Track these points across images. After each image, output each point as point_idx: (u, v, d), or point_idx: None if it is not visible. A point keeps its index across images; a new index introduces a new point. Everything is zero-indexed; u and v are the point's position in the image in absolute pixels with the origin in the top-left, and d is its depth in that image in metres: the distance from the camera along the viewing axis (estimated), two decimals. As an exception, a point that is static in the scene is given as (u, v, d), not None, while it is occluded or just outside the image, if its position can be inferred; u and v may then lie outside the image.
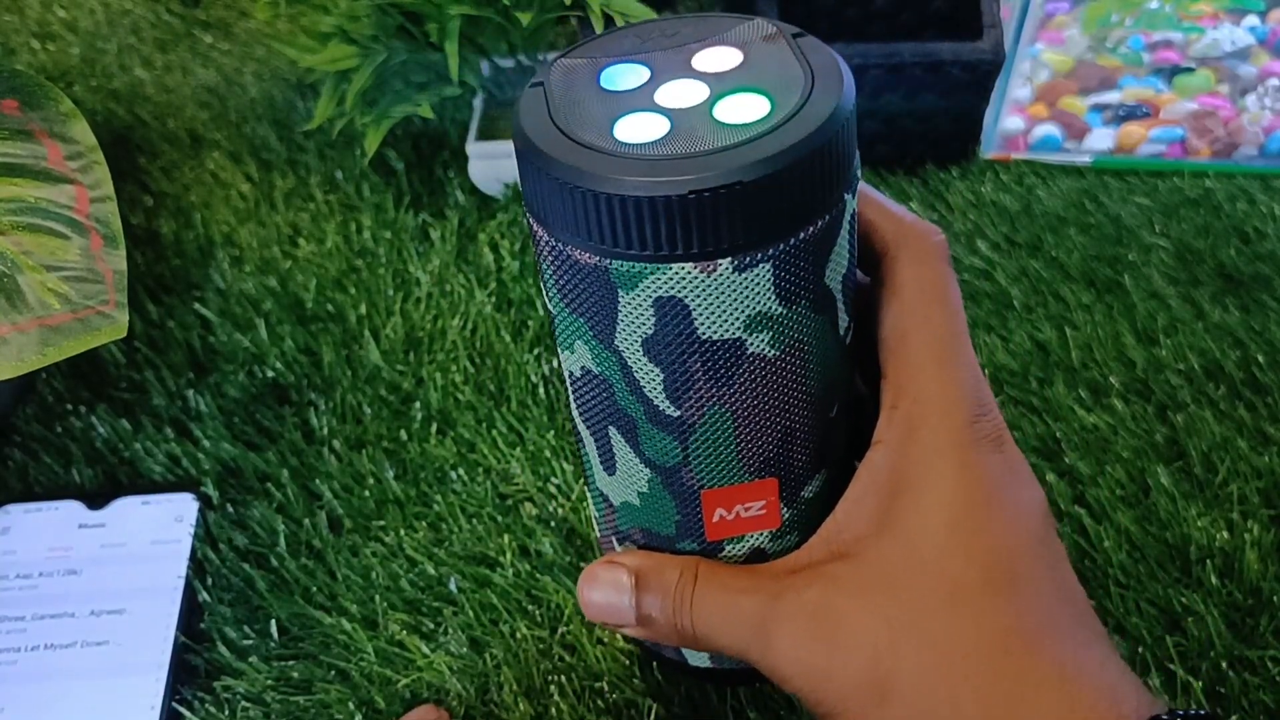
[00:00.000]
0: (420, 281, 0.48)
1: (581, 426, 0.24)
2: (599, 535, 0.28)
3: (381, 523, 0.39)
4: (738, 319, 0.20)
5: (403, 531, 0.38)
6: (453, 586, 0.37)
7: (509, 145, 0.49)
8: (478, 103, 0.52)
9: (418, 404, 0.43)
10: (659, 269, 0.19)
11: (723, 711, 0.33)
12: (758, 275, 0.20)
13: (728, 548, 0.24)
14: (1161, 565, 0.36)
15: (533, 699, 0.34)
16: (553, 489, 0.39)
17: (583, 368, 0.22)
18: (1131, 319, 0.45)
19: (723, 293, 0.20)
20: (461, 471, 0.40)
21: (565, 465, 0.40)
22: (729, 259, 0.19)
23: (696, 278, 0.19)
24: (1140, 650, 0.34)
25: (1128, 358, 0.44)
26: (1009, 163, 0.54)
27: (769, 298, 0.20)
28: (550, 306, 0.23)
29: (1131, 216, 0.50)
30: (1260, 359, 0.43)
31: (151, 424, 0.42)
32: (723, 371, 0.21)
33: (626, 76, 0.21)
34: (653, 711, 0.33)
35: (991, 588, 0.21)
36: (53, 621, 0.36)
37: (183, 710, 0.34)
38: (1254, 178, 0.52)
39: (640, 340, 0.21)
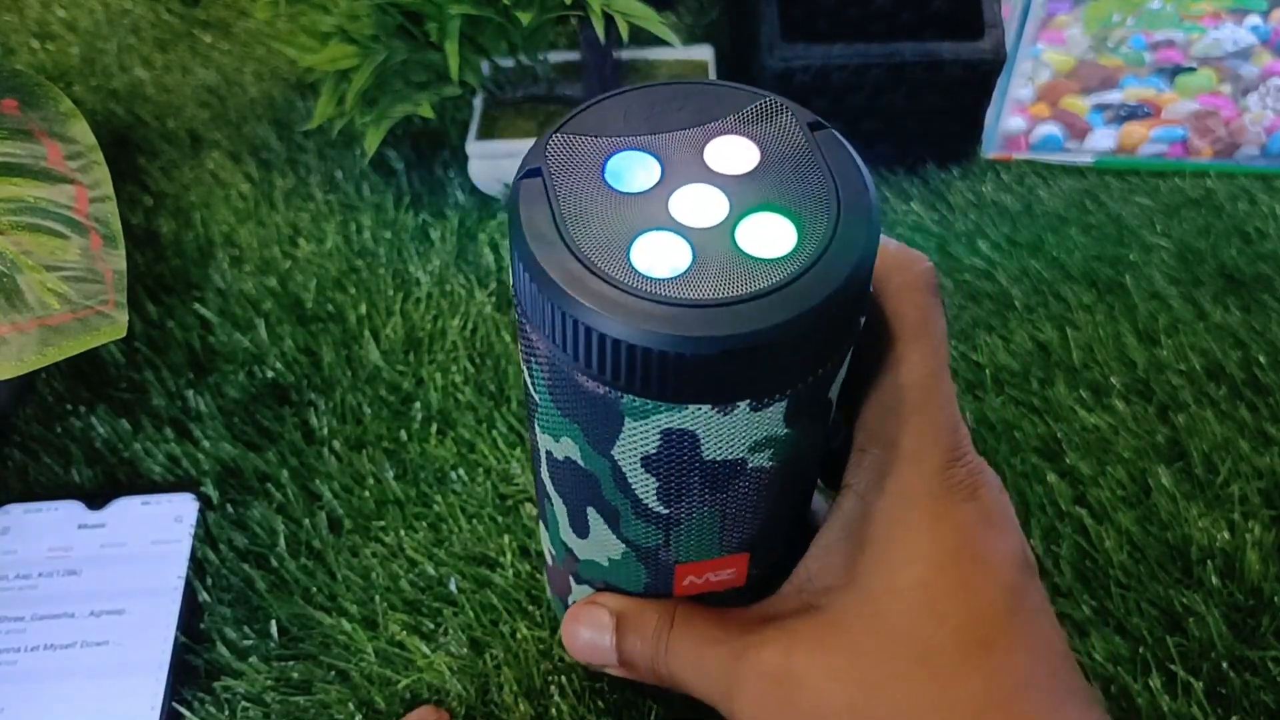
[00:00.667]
0: (420, 281, 0.48)
1: (554, 495, 0.23)
2: (551, 565, 0.28)
3: (381, 523, 0.39)
4: (744, 444, 0.20)
5: (403, 532, 0.38)
6: (453, 587, 0.37)
7: (509, 145, 0.50)
8: (478, 102, 0.52)
9: (418, 404, 0.43)
10: (674, 409, 0.18)
11: (723, 712, 0.33)
12: (773, 411, 0.19)
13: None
14: (1162, 566, 0.36)
15: (533, 699, 0.34)
16: (553, 489, 0.39)
17: (567, 457, 0.21)
18: (1133, 319, 0.45)
19: (734, 426, 0.19)
20: (462, 472, 0.40)
21: (565, 465, 0.40)
22: (748, 401, 0.18)
23: (711, 416, 0.19)
24: (1141, 651, 0.34)
25: (1129, 358, 0.44)
26: (1010, 162, 0.54)
27: (778, 425, 0.19)
28: (534, 394, 0.21)
29: (1133, 216, 0.50)
30: (1261, 359, 0.43)
31: (151, 424, 0.42)
32: (720, 483, 0.20)
33: (636, 172, 0.20)
34: (653, 712, 0.33)
35: (962, 651, 0.20)
36: (52, 622, 0.36)
37: (183, 710, 0.34)
38: (1255, 178, 0.52)
39: (639, 456, 0.20)
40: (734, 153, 0.20)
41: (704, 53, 0.54)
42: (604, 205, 0.19)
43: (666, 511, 0.21)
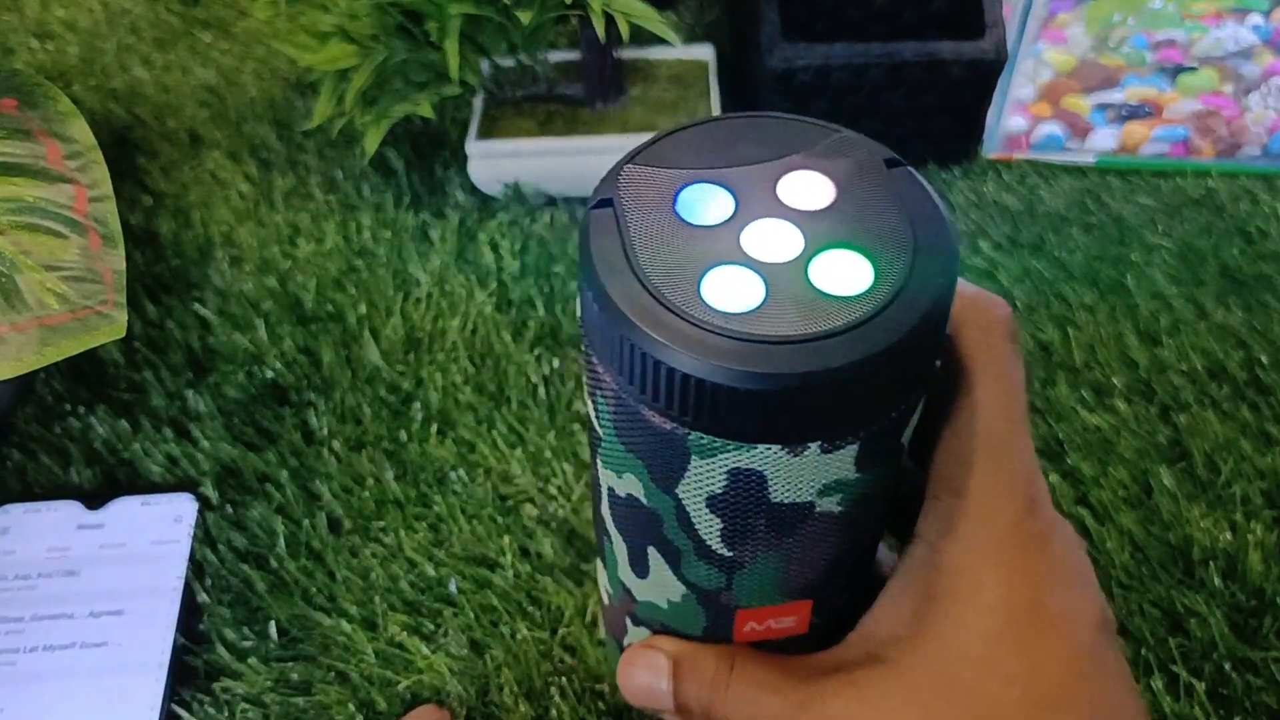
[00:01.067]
0: (420, 281, 0.47)
1: (614, 532, 0.23)
2: (607, 604, 0.27)
3: (381, 524, 0.39)
4: (814, 487, 0.19)
5: (402, 532, 0.38)
6: (453, 588, 0.36)
7: (509, 144, 0.50)
8: (478, 102, 0.52)
9: (417, 404, 0.43)
10: (743, 448, 0.18)
11: (724, 713, 0.33)
12: (844, 453, 0.19)
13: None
14: (1164, 566, 0.36)
15: (533, 700, 0.34)
16: (553, 490, 0.39)
17: (629, 494, 0.21)
18: (1134, 319, 0.45)
19: (804, 468, 0.19)
20: (461, 472, 0.40)
21: (565, 466, 0.40)
22: (819, 443, 0.18)
23: (780, 456, 0.18)
24: (1143, 652, 0.34)
25: (1130, 358, 0.43)
26: (1011, 162, 0.54)
27: (849, 468, 0.19)
28: (597, 428, 0.21)
29: (1134, 216, 0.50)
30: (1263, 359, 0.43)
31: (150, 424, 0.42)
32: (786, 527, 0.20)
33: (708, 204, 0.19)
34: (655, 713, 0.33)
35: (1026, 714, 0.19)
36: (51, 622, 0.36)
37: (181, 711, 0.34)
38: (1257, 177, 0.52)
39: (705, 495, 0.19)
40: (809, 188, 0.19)
41: (704, 52, 0.54)
42: (676, 237, 0.19)
43: (730, 554, 0.21)
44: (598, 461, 0.22)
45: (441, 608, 0.36)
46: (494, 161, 0.50)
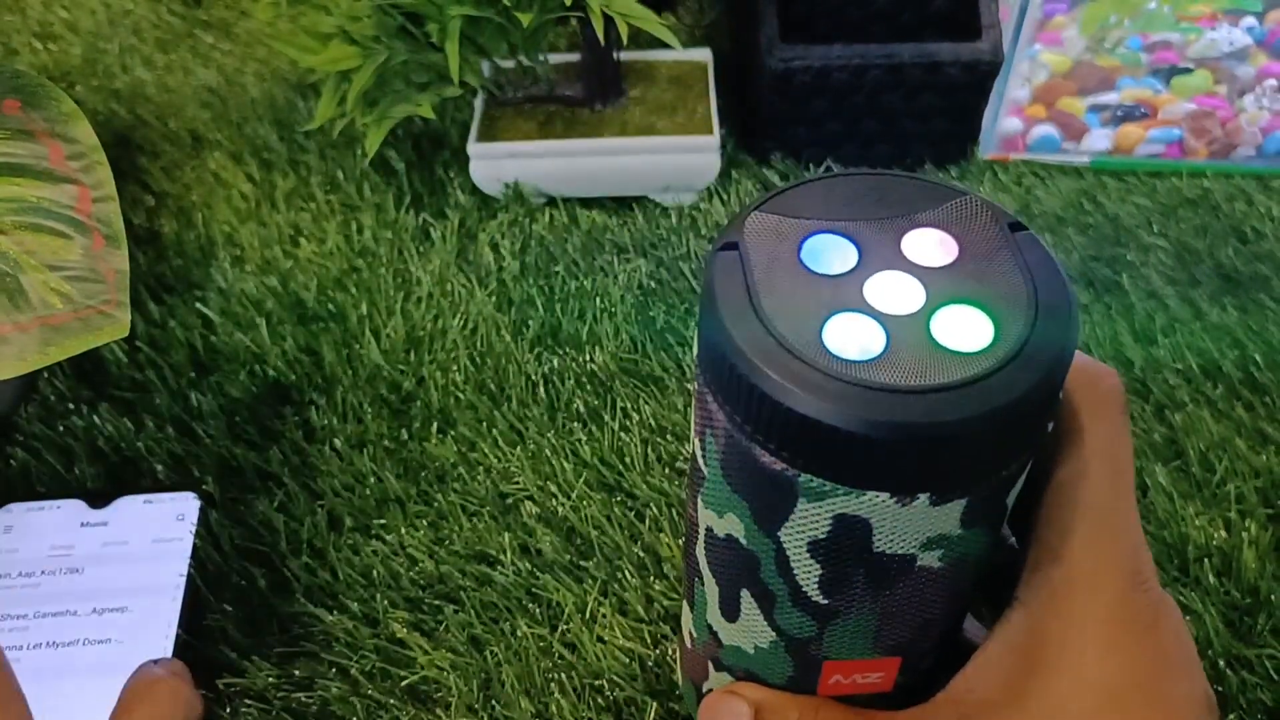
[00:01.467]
0: (421, 281, 0.48)
1: (707, 573, 0.23)
2: (690, 648, 0.27)
3: (382, 521, 0.39)
4: (917, 540, 0.19)
5: (403, 530, 0.38)
6: (453, 585, 0.37)
7: (509, 146, 0.50)
8: (478, 103, 0.52)
9: (418, 403, 0.43)
10: (851, 494, 0.18)
11: (722, 709, 0.33)
12: (952, 508, 0.19)
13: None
14: (1159, 564, 0.37)
15: (533, 697, 0.34)
16: (553, 488, 0.40)
17: (729, 535, 0.21)
18: (1130, 319, 0.45)
19: (910, 520, 0.19)
20: (462, 470, 0.40)
21: (565, 464, 0.40)
22: (929, 495, 0.18)
23: (888, 505, 0.18)
24: (1138, 648, 0.34)
25: (1126, 357, 0.44)
26: (1008, 163, 0.54)
27: (954, 524, 0.19)
28: (702, 466, 0.21)
29: (1130, 217, 0.51)
30: (1258, 358, 0.43)
31: (153, 423, 0.42)
32: (885, 579, 0.20)
33: (833, 255, 0.20)
34: (652, 710, 0.33)
35: None
36: (55, 620, 0.36)
37: (185, 708, 0.34)
38: (1252, 178, 0.53)
39: (807, 540, 0.20)
40: (932, 245, 0.20)
41: (703, 54, 0.54)
42: (799, 284, 0.19)
43: (826, 602, 0.21)
44: (698, 500, 0.22)
45: (442, 604, 0.36)
46: (494, 162, 0.50)
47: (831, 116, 0.52)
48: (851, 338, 0.18)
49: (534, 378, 0.44)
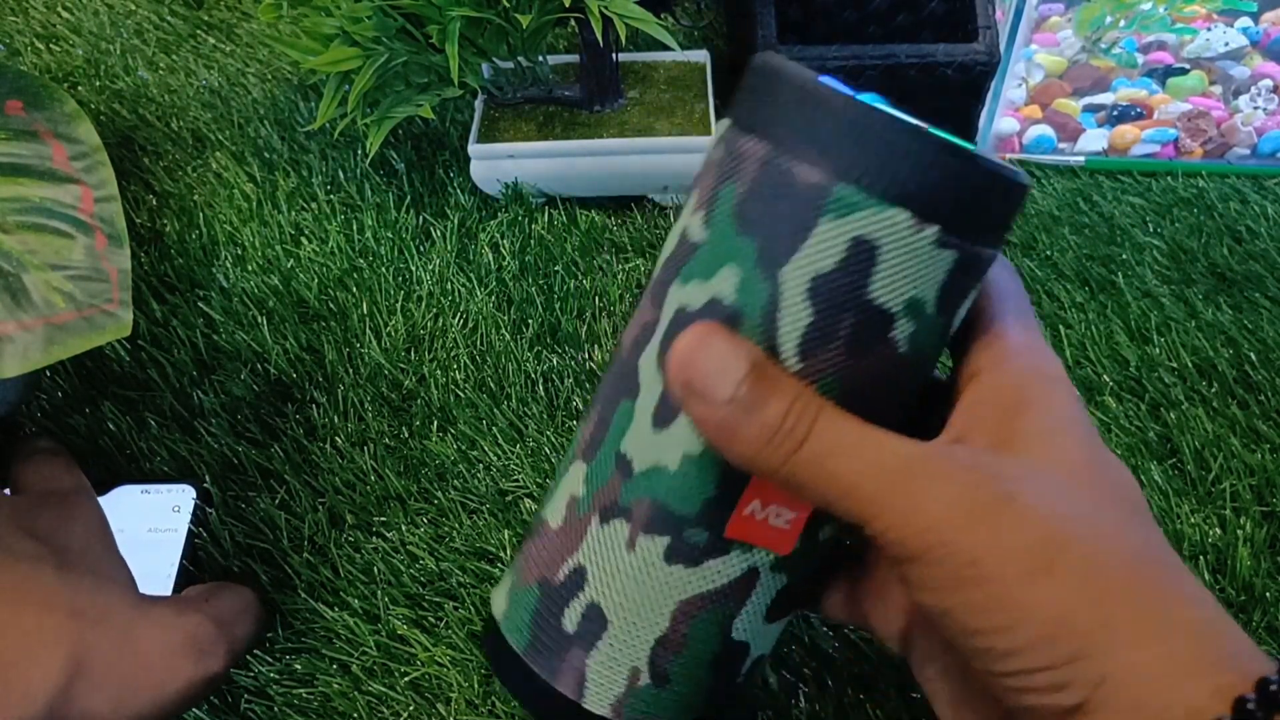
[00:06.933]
0: (421, 280, 0.48)
1: (648, 371, 0.23)
2: (560, 526, 0.25)
3: (383, 518, 0.39)
4: (905, 293, 0.21)
5: (404, 527, 0.39)
6: (454, 582, 0.37)
7: (509, 146, 0.50)
8: (479, 104, 0.53)
9: (419, 401, 0.43)
10: (879, 207, 0.20)
11: (720, 704, 0.34)
12: (944, 259, 0.21)
13: (725, 559, 0.24)
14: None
15: (533, 691, 0.34)
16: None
17: (712, 299, 0.22)
18: (1125, 318, 0.46)
19: (911, 257, 0.21)
20: (462, 468, 0.41)
21: (565, 462, 0.40)
22: (937, 228, 0.20)
23: (903, 231, 0.20)
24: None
25: (1121, 356, 0.44)
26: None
27: (936, 287, 0.21)
28: (693, 235, 0.22)
29: (1125, 216, 0.51)
30: (1252, 357, 0.43)
31: (156, 422, 0.42)
32: (859, 342, 0.21)
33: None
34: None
35: (1128, 510, 0.21)
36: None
37: (187, 703, 0.34)
38: (1246, 178, 0.53)
39: (810, 276, 0.21)
40: None
41: (701, 55, 0.55)
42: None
43: (799, 367, 0.21)
44: (670, 286, 0.23)
45: (443, 601, 0.37)
46: (494, 162, 0.51)
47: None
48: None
49: (533, 376, 0.44)
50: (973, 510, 0.20)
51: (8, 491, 0.37)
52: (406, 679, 0.35)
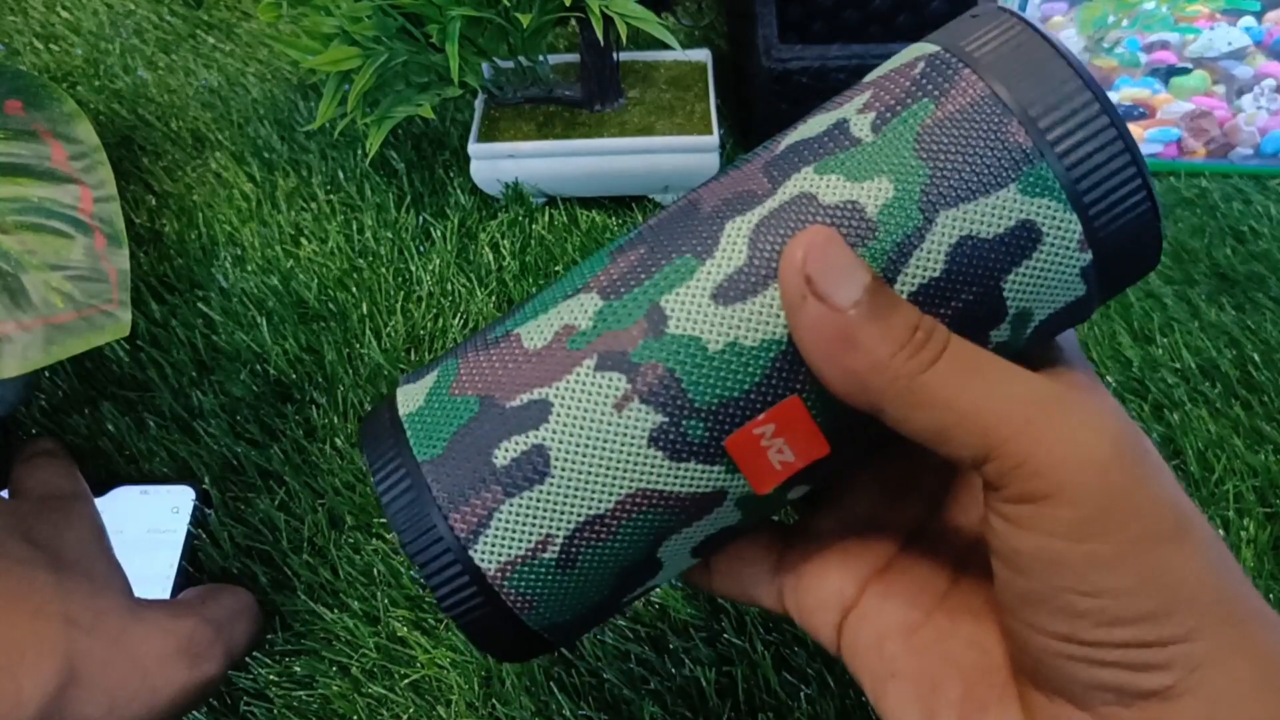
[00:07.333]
0: (421, 281, 0.48)
1: (735, 238, 0.21)
2: (528, 344, 0.22)
3: (383, 520, 0.39)
4: (1026, 301, 0.21)
5: (404, 528, 0.39)
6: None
7: (509, 146, 0.50)
8: (479, 103, 0.52)
9: (419, 402, 0.43)
10: (1063, 206, 0.20)
11: (720, 708, 0.34)
12: (1075, 289, 0.21)
13: (706, 469, 0.21)
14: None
15: (534, 694, 0.34)
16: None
17: (848, 202, 0.20)
18: (1127, 318, 0.46)
19: (1057, 270, 0.20)
20: (462, 469, 0.40)
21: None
22: (1091, 258, 0.20)
23: (1069, 242, 0.20)
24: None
25: (1124, 356, 0.44)
26: (1006, 163, 0.54)
27: (1050, 310, 0.21)
28: (855, 130, 0.21)
29: (1128, 216, 0.51)
30: (1256, 357, 0.43)
31: (155, 422, 0.42)
32: (963, 322, 0.21)
33: None
34: (651, 709, 0.33)
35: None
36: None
37: (186, 705, 0.34)
38: (1249, 178, 0.53)
39: (964, 233, 0.20)
40: None
41: (702, 55, 0.55)
42: None
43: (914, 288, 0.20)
44: (803, 169, 0.21)
45: (442, 602, 0.36)
46: (494, 162, 0.50)
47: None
48: None
49: (534, 377, 0.44)
50: (1124, 454, 0.18)
51: (5, 494, 0.37)
52: (406, 681, 0.35)
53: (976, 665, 0.22)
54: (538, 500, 0.21)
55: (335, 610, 0.36)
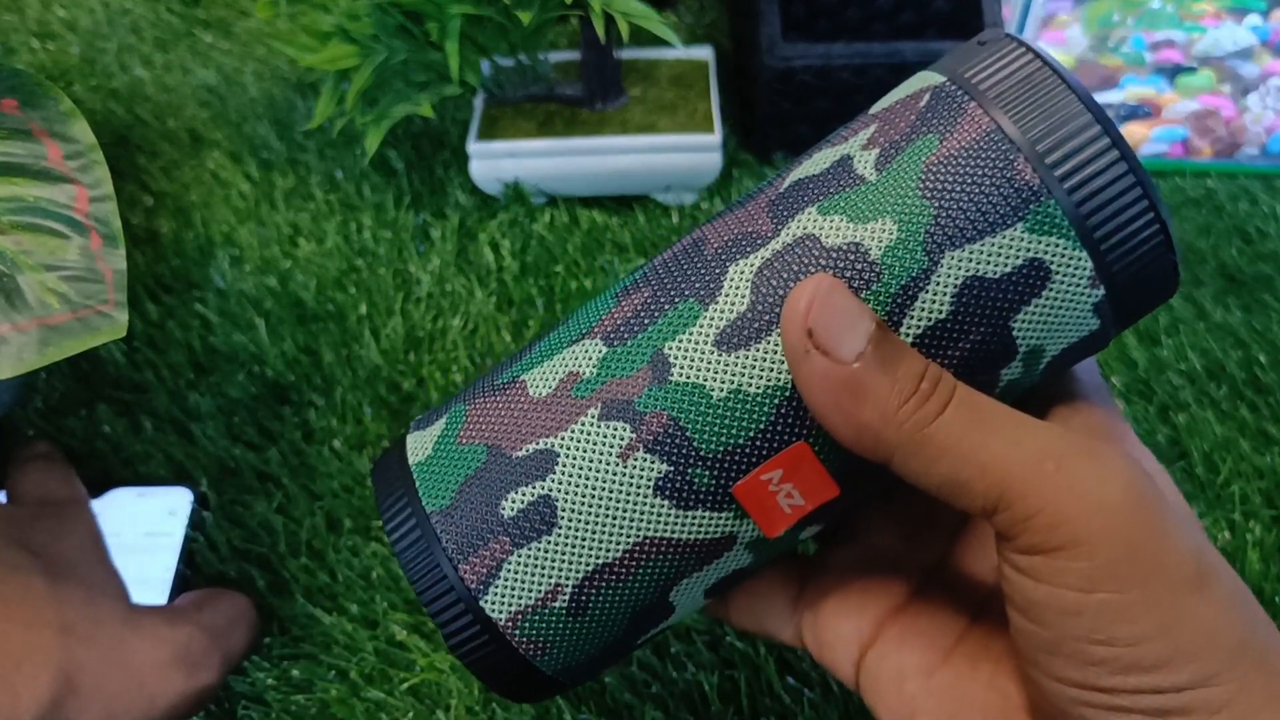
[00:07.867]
0: (420, 281, 0.48)
1: (738, 283, 0.21)
2: (534, 392, 0.22)
3: (381, 523, 0.39)
4: (1037, 338, 0.21)
5: (403, 531, 0.38)
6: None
7: (509, 145, 0.50)
8: (478, 102, 0.52)
9: (418, 404, 0.43)
10: (1072, 244, 0.19)
11: (723, 713, 0.33)
12: (1088, 325, 0.20)
13: (714, 515, 0.21)
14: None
15: (533, 699, 0.34)
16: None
17: (852, 244, 0.20)
18: (1133, 319, 0.45)
19: (1067, 308, 0.20)
20: (462, 471, 0.40)
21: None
22: (1104, 294, 0.20)
23: (1079, 280, 0.20)
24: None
25: (1129, 358, 0.44)
26: (1010, 162, 0.54)
27: (1062, 346, 0.21)
28: (858, 168, 0.21)
29: (1133, 216, 0.50)
30: (1262, 359, 0.43)
31: (152, 424, 0.42)
32: (972, 363, 0.20)
33: None
34: (653, 713, 0.33)
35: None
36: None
37: (183, 710, 0.34)
38: (1256, 177, 0.52)
39: (970, 274, 0.20)
40: None
41: (704, 53, 0.54)
42: None
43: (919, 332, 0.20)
44: (807, 209, 0.21)
45: (442, 607, 0.36)
46: (494, 161, 0.50)
47: (833, 115, 0.52)
48: None
49: (534, 378, 0.43)
50: (1140, 503, 0.18)
51: (3, 497, 0.36)
52: (405, 685, 0.34)
53: (997, 708, 0.21)
54: (545, 551, 0.21)
55: (333, 614, 0.36)
